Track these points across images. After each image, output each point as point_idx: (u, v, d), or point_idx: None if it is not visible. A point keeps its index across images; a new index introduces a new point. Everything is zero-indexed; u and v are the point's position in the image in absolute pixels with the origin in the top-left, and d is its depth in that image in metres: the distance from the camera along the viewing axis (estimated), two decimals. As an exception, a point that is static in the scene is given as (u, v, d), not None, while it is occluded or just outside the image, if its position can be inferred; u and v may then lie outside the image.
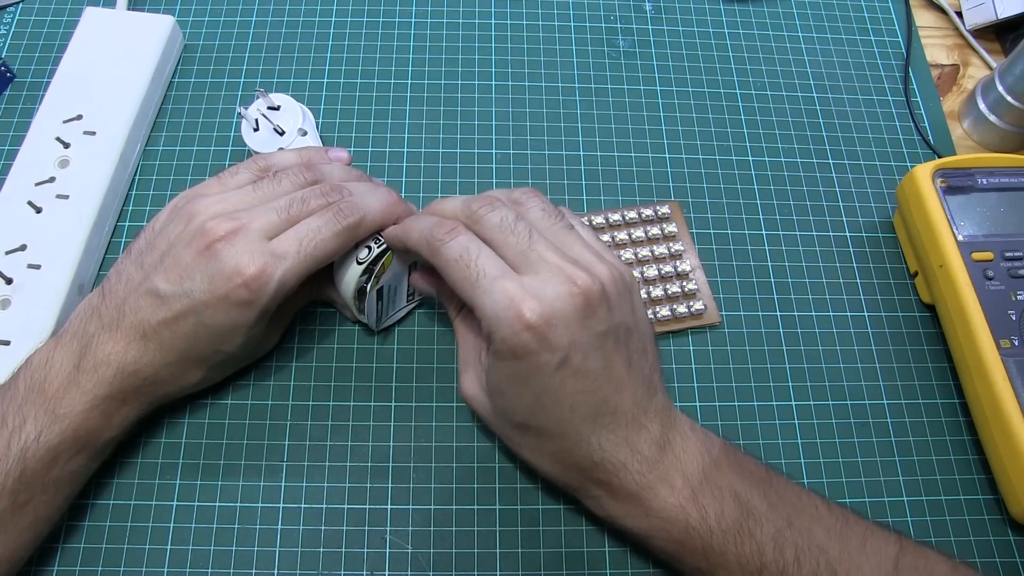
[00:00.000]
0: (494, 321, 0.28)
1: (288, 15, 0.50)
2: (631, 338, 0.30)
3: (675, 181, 0.45)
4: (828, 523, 0.30)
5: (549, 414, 0.30)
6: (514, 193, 0.33)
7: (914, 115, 0.48)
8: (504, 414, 0.32)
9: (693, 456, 0.31)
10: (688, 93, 0.48)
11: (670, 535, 0.30)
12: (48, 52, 0.47)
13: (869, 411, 0.39)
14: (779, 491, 0.31)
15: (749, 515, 0.30)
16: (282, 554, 0.35)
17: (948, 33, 0.53)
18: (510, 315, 0.28)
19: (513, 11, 0.51)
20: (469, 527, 0.36)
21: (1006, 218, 0.40)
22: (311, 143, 0.42)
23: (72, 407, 0.31)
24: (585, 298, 0.28)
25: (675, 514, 0.30)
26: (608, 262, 0.31)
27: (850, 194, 0.45)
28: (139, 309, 0.31)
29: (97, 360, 0.31)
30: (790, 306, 0.42)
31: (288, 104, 0.42)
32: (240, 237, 0.31)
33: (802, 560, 0.29)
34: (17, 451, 0.30)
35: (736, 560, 0.29)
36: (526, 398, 0.30)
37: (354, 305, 0.36)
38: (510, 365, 0.29)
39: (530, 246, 0.30)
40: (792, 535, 0.29)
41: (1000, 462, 0.36)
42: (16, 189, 0.40)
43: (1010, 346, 0.36)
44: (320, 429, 0.37)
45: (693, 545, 0.30)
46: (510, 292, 0.28)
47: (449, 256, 0.30)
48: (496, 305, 0.28)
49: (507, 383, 0.30)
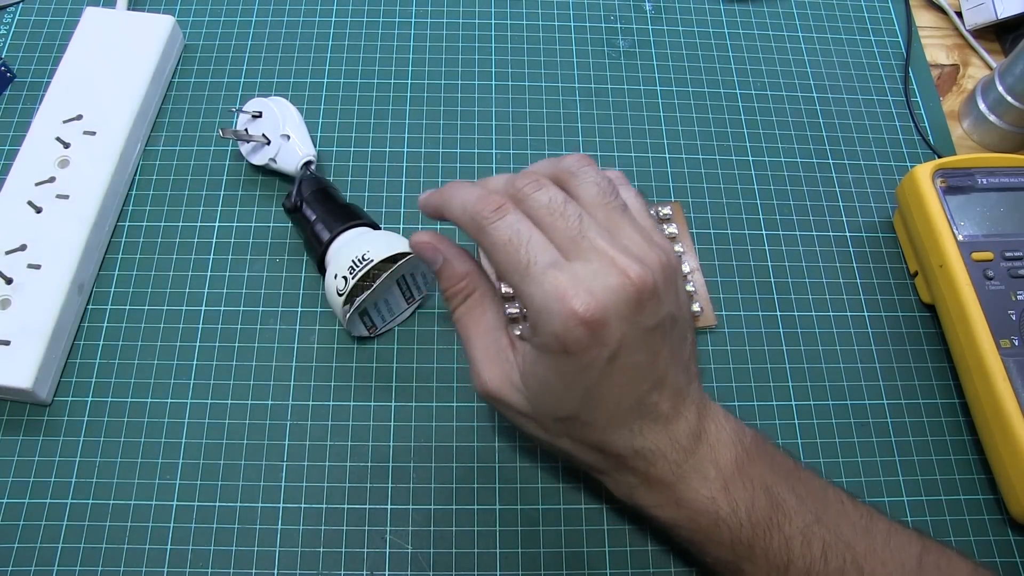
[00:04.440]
0: (544, 314, 0.27)
1: (288, 15, 0.50)
2: (675, 327, 0.30)
3: (675, 181, 0.45)
4: (853, 518, 0.30)
5: (598, 407, 0.29)
6: (565, 162, 0.30)
7: (914, 115, 0.48)
8: (546, 408, 0.30)
9: (727, 446, 0.30)
10: (688, 93, 0.48)
11: (698, 526, 0.30)
12: (48, 52, 0.47)
13: (869, 411, 0.39)
14: (807, 484, 0.31)
15: (778, 509, 0.29)
16: (282, 554, 0.35)
17: (948, 33, 0.53)
18: (562, 309, 0.26)
19: (513, 11, 0.51)
20: (469, 527, 0.36)
21: (1006, 218, 0.40)
22: (297, 145, 0.41)
23: None
24: (637, 292, 0.27)
25: (706, 506, 0.29)
26: (658, 247, 0.29)
27: (850, 194, 0.45)
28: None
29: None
30: (790, 306, 0.42)
31: (267, 109, 0.42)
32: None
33: (829, 556, 0.29)
34: None
35: (764, 554, 0.29)
36: (575, 392, 0.28)
37: (348, 327, 0.38)
38: (559, 359, 0.28)
39: (580, 232, 0.28)
40: (820, 530, 0.29)
41: (1000, 462, 0.36)
42: (16, 189, 0.40)
43: (1010, 346, 0.36)
44: (320, 429, 0.37)
45: (721, 537, 0.29)
46: (562, 284, 0.27)
47: (498, 238, 0.28)
48: (547, 297, 0.27)
49: (555, 378, 0.28)
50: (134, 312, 0.40)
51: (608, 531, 0.36)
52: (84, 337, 0.39)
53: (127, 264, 0.41)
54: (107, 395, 0.38)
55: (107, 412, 0.37)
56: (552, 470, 0.37)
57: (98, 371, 0.38)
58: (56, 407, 0.37)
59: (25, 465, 0.36)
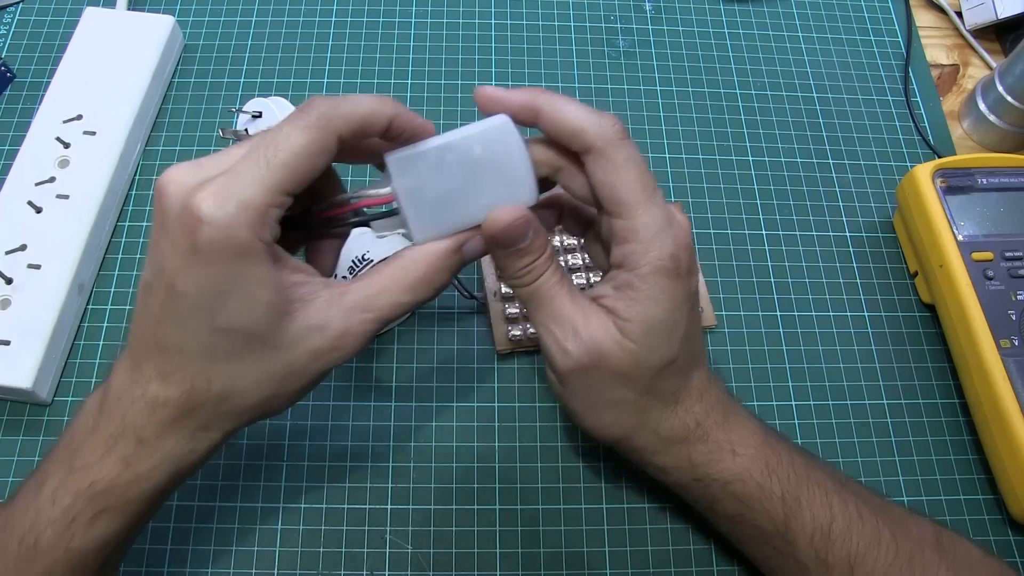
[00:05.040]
0: (661, 235, 0.27)
1: (288, 15, 0.50)
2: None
3: (675, 181, 0.45)
4: (869, 495, 0.31)
5: (692, 342, 0.29)
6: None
7: (914, 115, 0.48)
8: (654, 351, 0.28)
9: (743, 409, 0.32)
10: (688, 93, 0.48)
11: (751, 477, 0.29)
12: (48, 52, 0.47)
13: (869, 411, 0.39)
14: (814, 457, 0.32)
15: (812, 467, 0.30)
16: (282, 554, 0.35)
17: (948, 33, 0.53)
18: (678, 231, 0.27)
19: (513, 11, 0.51)
20: (469, 527, 0.36)
21: (1006, 218, 0.40)
22: None
23: (88, 457, 0.25)
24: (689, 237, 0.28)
25: (759, 452, 0.30)
26: None
27: (850, 194, 0.45)
28: (135, 318, 0.26)
29: (111, 393, 0.26)
30: (790, 306, 0.42)
31: (267, 109, 0.42)
32: (187, 178, 0.24)
33: (864, 515, 0.29)
34: (32, 516, 0.25)
35: (809, 507, 0.29)
36: (679, 327, 0.28)
37: None
38: (671, 284, 0.27)
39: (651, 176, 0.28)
40: (847, 494, 0.30)
41: (1000, 462, 0.36)
42: (16, 189, 0.40)
43: (1010, 346, 0.36)
44: (320, 429, 0.37)
45: (772, 491, 0.29)
46: (668, 209, 0.27)
47: (633, 152, 0.27)
48: (665, 218, 0.27)
49: (663, 311, 0.27)
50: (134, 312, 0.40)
51: (608, 531, 0.36)
52: (84, 337, 0.39)
53: (127, 264, 0.41)
54: (107, 395, 0.38)
55: (107, 412, 0.37)
56: (552, 470, 0.37)
57: (98, 371, 0.38)
58: (56, 407, 0.37)
59: (25, 465, 0.36)
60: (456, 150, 0.27)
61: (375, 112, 0.25)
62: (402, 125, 0.26)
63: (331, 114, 0.25)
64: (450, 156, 0.27)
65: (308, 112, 0.25)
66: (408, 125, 0.26)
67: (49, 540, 0.25)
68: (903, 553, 0.29)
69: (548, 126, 0.27)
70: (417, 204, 0.27)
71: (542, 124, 0.27)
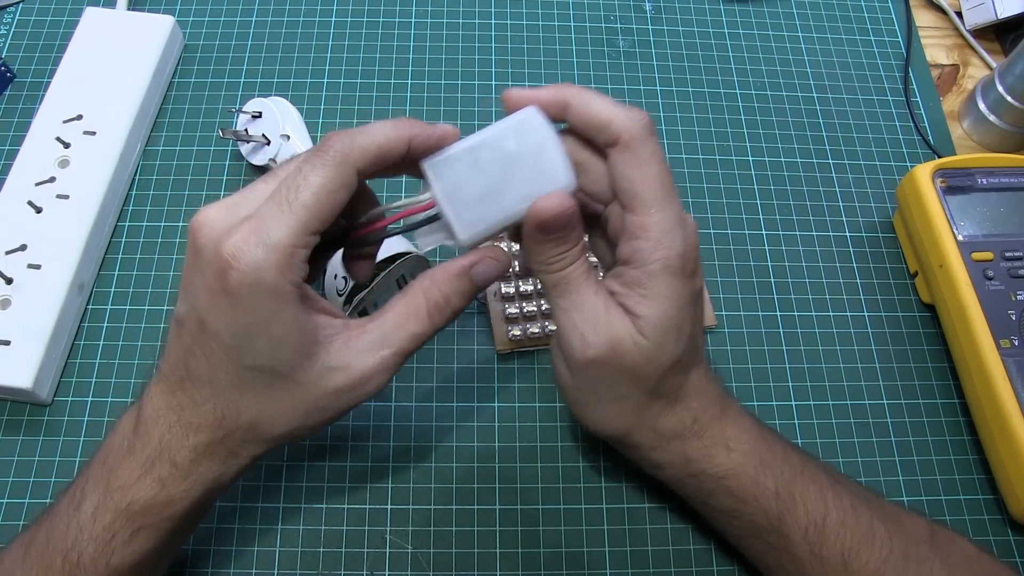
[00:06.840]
0: (672, 234, 0.27)
1: (288, 15, 0.50)
2: None
3: (675, 181, 0.45)
4: (864, 491, 0.31)
5: (695, 341, 0.29)
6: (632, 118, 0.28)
7: (914, 115, 0.48)
8: (664, 349, 0.28)
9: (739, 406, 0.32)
10: (688, 93, 0.48)
11: (745, 472, 0.30)
12: (48, 52, 0.47)
13: (869, 411, 0.39)
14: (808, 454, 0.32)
15: (806, 463, 0.30)
16: (282, 554, 0.35)
17: (948, 33, 0.53)
18: (688, 232, 0.28)
19: (513, 11, 0.51)
20: (469, 527, 0.36)
21: (1006, 218, 0.40)
22: (297, 145, 0.41)
23: (125, 478, 0.27)
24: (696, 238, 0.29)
25: (753, 447, 0.30)
26: None
27: (850, 194, 0.45)
28: (167, 347, 0.27)
29: (145, 415, 0.27)
30: (790, 306, 0.42)
31: (267, 109, 0.42)
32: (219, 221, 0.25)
33: (858, 510, 0.29)
34: (74, 534, 0.26)
35: (803, 501, 0.29)
36: (687, 325, 0.28)
37: None
38: (680, 284, 0.28)
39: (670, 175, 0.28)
40: (842, 489, 0.30)
41: (1000, 462, 0.36)
42: (16, 189, 0.40)
43: (1010, 346, 0.36)
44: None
45: (767, 486, 0.29)
46: (680, 209, 0.28)
47: (655, 149, 0.27)
48: (673, 219, 0.27)
49: (673, 309, 0.28)
50: (134, 312, 0.40)
51: (608, 531, 0.36)
52: (84, 337, 0.39)
53: (127, 264, 0.41)
54: (107, 395, 0.38)
55: (107, 412, 0.37)
56: (552, 470, 0.37)
57: (98, 371, 0.38)
58: (56, 407, 0.37)
59: (25, 465, 0.36)
60: (490, 147, 0.27)
61: (391, 139, 0.26)
62: (422, 142, 0.27)
63: (347, 150, 0.26)
64: (485, 154, 0.27)
65: (325, 150, 0.26)
66: (429, 140, 0.27)
67: (91, 556, 0.26)
68: (897, 548, 0.29)
69: (576, 119, 0.27)
70: (457, 205, 0.27)
71: (571, 116, 0.28)
